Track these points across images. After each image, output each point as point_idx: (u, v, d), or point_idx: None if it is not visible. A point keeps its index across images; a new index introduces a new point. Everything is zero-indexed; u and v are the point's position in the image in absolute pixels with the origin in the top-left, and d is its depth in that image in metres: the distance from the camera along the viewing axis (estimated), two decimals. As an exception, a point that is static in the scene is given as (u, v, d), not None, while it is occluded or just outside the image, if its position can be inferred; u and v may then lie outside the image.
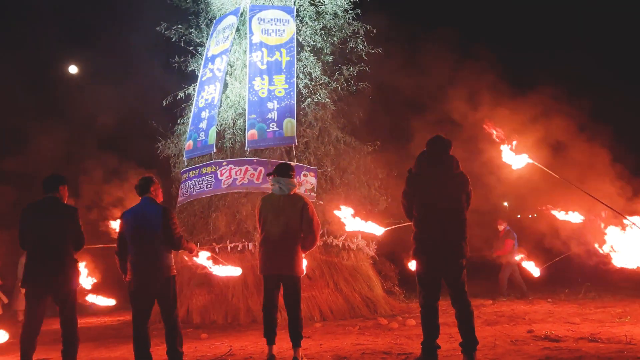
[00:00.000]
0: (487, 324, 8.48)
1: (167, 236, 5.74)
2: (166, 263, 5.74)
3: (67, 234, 5.71)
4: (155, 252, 5.71)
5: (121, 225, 5.88)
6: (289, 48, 11.90)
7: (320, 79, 12.20)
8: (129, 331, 6.27)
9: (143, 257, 5.72)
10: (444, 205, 5.51)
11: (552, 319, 8.91)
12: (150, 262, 5.70)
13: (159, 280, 5.68)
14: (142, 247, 5.73)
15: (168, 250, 5.80)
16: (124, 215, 5.89)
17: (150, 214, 5.77)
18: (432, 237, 5.51)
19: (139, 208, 5.84)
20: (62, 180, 5.94)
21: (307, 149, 11.79)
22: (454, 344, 6.49)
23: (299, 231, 5.98)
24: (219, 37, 12.60)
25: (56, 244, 5.65)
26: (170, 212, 5.85)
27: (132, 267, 5.72)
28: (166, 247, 5.78)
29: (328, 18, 12.53)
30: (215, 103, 11.94)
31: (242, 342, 7.70)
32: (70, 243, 5.74)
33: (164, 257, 5.74)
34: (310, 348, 6.99)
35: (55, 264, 5.62)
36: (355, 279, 11.42)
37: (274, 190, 6.12)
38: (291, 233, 5.94)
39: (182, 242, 5.89)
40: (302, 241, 6.02)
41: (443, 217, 5.50)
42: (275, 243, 5.97)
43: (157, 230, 5.70)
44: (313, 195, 11.12)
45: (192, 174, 11.89)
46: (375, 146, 12.78)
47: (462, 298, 5.48)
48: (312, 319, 10.22)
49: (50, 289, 5.66)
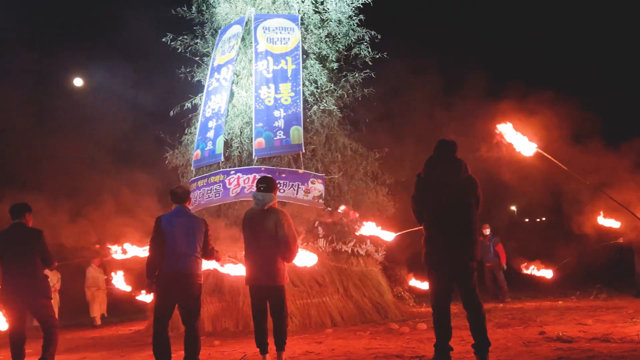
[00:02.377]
0: (498, 327, 8.47)
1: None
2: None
3: (35, 253, 6.38)
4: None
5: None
6: (295, 56, 11.97)
7: (326, 86, 12.26)
8: (143, 339, 6.33)
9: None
10: (453, 208, 5.54)
11: (564, 320, 8.89)
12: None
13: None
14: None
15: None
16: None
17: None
18: (443, 241, 5.54)
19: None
20: (28, 208, 6.65)
21: (314, 156, 11.83)
22: (466, 347, 6.50)
23: (275, 243, 6.08)
24: (225, 46, 12.69)
25: (25, 264, 6.33)
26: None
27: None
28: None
29: (332, 25, 12.59)
30: (222, 112, 12.01)
31: (254, 349, 7.69)
32: (39, 261, 6.43)
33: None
34: (322, 353, 7.01)
35: (26, 281, 6.30)
36: (365, 284, 11.44)
37: (253, 204, 6.27)
38: (268, 245, 6.07)
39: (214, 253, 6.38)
40: (281, 253, 6.13)
41: (453, 221, 5.52)
42: (255, 255, 6.14)
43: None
44: (321, 202, 11.16)
45: (201, 183, 11.95)
46: (382, 152, 12.83)
47: (474, 300, 5.49)
48: (323, 325, 10.24)
49: (24, 302, 6.31)
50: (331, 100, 12.19)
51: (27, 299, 6.32)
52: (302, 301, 10.61)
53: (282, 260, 6.15)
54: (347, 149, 12.43)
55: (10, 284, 6.32)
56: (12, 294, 6.30)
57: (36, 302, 6.36)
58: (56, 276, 12.81)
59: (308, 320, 10.44)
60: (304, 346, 7.75)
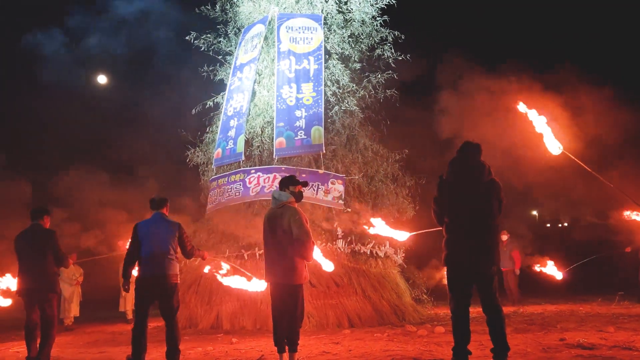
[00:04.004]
0: (517, 332, 8.38)
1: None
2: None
3: (47, 252, 6.92)
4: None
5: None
6: (317, 56, 11.96)
7: (348, 86, 12.26)
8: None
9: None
10: (475, 212, 5.47)
11: (585, 327, 8.77)
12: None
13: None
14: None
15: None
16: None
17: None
18: (464, 244, 5.48)
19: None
20: (46, 211, 7.26)
21: (334, 157, 11.82)
22: (484, 351, 6.44)
23: (290, 241, 6.07)
24: (247, 45, 12.73)
25: (39, 261, 6.88)
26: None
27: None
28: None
29: (356, 25, 12.59)
30: (243, 111, 12.04)
31: (272, 347, 7.70)
32: (52, 259, 6.93)
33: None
34: (339, 354, 6.99)
35: (37, 276, 6.85)
36: (383, 286, 11.39)
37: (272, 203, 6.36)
38: (284, 243, 6.06)
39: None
40: (297, 251, 6.09)
41: (474, 224, 5.46)
42: (273, 253, 6.17)
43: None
44: (340, 203, 11.13)
45: (221, 182, 12.00)
46: (403, 154, 12.78)
47: (494, 304, 5.43)
48: (340, 326, 10.21)
49: (35, 295, 6.84)
50: (353, 100, 12.17)
51: (36, 293, 6.85)
52: (319, 301, 10.59)
53: (300, 259, 6.12)
54: (368, 150, 12.41)
55: (25, 278, 6.93)
56: (26, 288, 6.90)
57: (43, 295, 6.85)
58: (79, 271, 12.95)
59: (325, 320, 10.43)
60: (320, 346, 7.73)
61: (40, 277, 6.88)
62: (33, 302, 6.89)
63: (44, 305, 6.86)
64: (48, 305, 6.87)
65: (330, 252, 11.07)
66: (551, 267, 12.00)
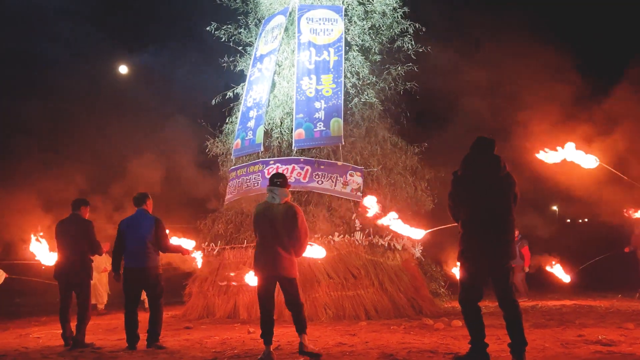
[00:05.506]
0: (535, 327, 8.32)
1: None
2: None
3: (83, 240, 7.55)
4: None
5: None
6: (337, 47, 11.93)
7: (367, 78, 12.21)
8: (180, 324, 6.43)
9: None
10: (491, 207, 5.44)
11: (604, 323, 8.68)
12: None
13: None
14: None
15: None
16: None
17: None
18: (479, 239, 5.46)
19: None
20: (85, 202, 7.93)
21: (353, 149, 11.79)
22: (502, 345, 6.41)
23: (288, 236, 6.23)
24: (268, 36, 12.73)
25: (76, 248, 7.51)
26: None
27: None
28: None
29: (376, 17, 12.52)
30: (263, 102, 12.06)
31: (288, 338, 7.76)
32: (87, 247, 7.58)
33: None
34: (355, 345, 7.00)
35: (73, 263, 7.48)
36: (400, 279, 11.35)
37: (267, 198, 6.43)
38: (282, 238, 6.20)
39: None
40: (292, 247, 6.27)
41: (490, 219, 5.43)
42: (267, 247, 6.26)
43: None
44: (359, 195, 11.11)
45: (240, 172, 12.05)
46: (422, 147, 12.72)
47: (510, 298, 5.41)
48: (357, 318, 10.22)
49: (71, 279, 7.48)
50: (372, 92, 12.13)
51: (71, 277, 7.48)
52: (336, 293, 10.61)
53: (294, 254, 6.31)
54: (387, 142, 12.37)
55: (61, 263, 7.58)
56: (61, 272, 7.53)
57: (78, 280, 7.48)
58: (109, 260, 13.15)
59: (342, 312, 10.44)
60: (337, 338, 7.75)
61: (75, 263, 7.48)
62: (67, 285, 7.51)
63: (78, 289, 7.48)
64: (81, 289, 7.47)
65: (347, 244, 11.08)
66: (558, 269, 12.12)
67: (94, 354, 6.76)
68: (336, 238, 11.06)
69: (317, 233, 11.14)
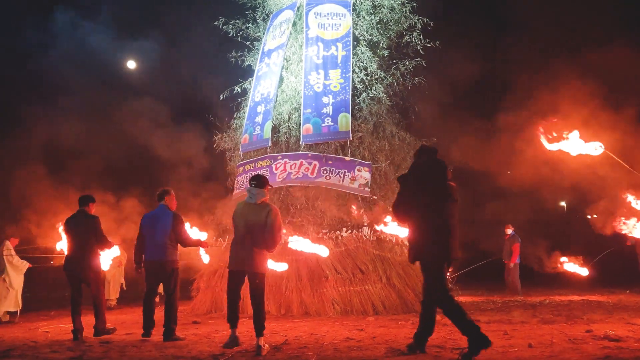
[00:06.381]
0: (543, 322, 8.31)
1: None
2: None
3: (90, 235, 7.81)
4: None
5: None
6: (345, 42, 11.91)
7: (375, 73, 12.19)
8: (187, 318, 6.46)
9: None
10: (429, 209, 5.80)
11: (612, 319, 8.66)
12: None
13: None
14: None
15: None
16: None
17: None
18: (420, 239, 5.88)
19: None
20: (91, 199, 8.17)
21: (361, 144, 11.78)
22: (509, 341, 6.43)
23: (262, 234, 6.57)
24: (276, 31, 12.72)
25: (83, 243, 7.79)
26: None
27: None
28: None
29: (385, 12, 12.48)
30: (271, 97, 12.06)
31: (296, 332, 7.79)
32: (94, 242, 7.83)
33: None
34: (363, 340, 7.01)
35: (81, 257, 7.75)
36: (408, 274, 11.34)
37: (246, 198, 6.83)
38: (257, 235, 6.57)
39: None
40: (264, 242, 6.59)
41: (429, 221, 5.80)
42: (241, 243, 6.64)
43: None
44: (367, 190, 11.11)
45: (248, 168, 12.06)
46: (430, 142, 12.68)
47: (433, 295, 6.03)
48: (364, 313, 10.24)
49: (79, 274, 7.76)
50: (380, 87, 12.10)
51: (80, 272, 7.77)
52: (344, 288, 10.63)
53: (265, 251, 6.66)
54: (395, 137, 12.35)
55: (69, 257, 7.85)
56: (70, 266, 7.80)
57: (86, 275, 7.77)
58: (124, 255, 13.21)
59: (350, 307, 10.47)
60: (345, 333, 7.76)
61: (82, 258, 7.75)
62: (76, 279, 7.78)
63: (87, 282, 7.78)
64: (90, 282, 7.76)
65: (355, 239, 11.08)
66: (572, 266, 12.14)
67: (102, 348, 6.80)
68: (344, 233, 11.09)
69: (324, 228, 11.14)
